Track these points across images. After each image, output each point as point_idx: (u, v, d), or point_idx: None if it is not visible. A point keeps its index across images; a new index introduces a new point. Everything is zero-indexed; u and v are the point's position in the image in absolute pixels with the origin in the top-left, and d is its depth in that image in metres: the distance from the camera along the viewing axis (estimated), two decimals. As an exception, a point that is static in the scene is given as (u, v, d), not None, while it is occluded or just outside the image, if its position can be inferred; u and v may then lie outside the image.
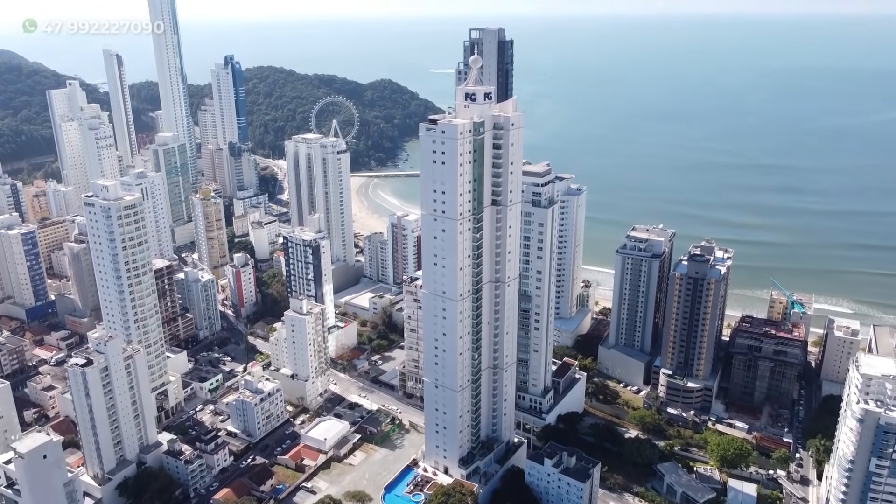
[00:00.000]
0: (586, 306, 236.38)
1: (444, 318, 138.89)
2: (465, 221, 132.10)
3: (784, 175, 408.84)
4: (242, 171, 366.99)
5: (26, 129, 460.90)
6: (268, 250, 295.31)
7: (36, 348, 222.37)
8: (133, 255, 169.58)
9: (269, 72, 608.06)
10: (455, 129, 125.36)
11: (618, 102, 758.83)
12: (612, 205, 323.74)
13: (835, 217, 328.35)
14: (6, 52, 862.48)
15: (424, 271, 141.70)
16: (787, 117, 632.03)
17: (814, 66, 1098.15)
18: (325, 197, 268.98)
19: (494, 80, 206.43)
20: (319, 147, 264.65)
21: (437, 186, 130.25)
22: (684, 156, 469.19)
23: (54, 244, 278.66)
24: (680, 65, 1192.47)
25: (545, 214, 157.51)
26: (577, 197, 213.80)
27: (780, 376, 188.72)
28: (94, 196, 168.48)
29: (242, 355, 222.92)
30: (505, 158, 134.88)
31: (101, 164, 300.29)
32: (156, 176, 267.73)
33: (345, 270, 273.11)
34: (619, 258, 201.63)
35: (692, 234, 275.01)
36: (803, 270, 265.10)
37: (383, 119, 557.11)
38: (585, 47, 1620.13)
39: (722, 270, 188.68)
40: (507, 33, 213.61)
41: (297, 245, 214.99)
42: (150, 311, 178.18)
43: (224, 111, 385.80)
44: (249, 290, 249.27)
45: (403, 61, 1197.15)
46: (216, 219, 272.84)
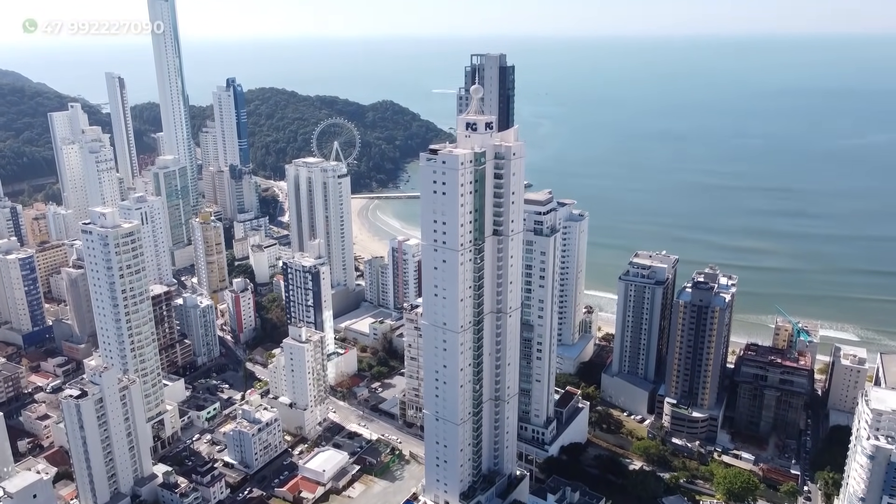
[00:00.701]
0: (589, 332, 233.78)
1: (445, 350, 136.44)
2: (465, 252, 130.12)
3: (787, 198, 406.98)
4: (243, 193, 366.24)
5: (28, 150, 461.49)
6: (268, 274, 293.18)
7: (32, 375, 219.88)
8: (130, 283, 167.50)
9: (271, 93, 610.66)
10: (456, 159, 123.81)
11: (619, 122, 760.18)
12: (614, 228, 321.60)
13: (839, 242, 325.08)
14: (10, 73, 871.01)
15: (425, 302, 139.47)
16: (789, 138, 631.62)
17: (815, 86, 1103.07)
18: (326, 221, 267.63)
19: (496, 106, 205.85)
20: (320, 171, 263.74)
21: (438, 217, 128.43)
22: (686, 178, 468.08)
23: (53, 268, 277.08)
24: (681, 85, 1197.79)
25: (547, 243, 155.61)
26: (579, 223, 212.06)
27: (786, 406, 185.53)
28: (91, 223, 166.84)
29: (240, 382, 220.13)
30: (506, 188, 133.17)
31: (102, 187, 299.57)
32: (155, 200, 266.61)
33: (345, 295, 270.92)
34: (622, 285, 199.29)
35: (695, 258, 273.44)
36: (808, 297, 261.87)
37: (385, 140, 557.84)
38: (586, 67, 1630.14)
39: (726, 298, 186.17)
40: (508, 53, 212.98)
41: (297, 271, 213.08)
42: (147, 339, 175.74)
43: (225, 133, 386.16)
44: (249, 315, 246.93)
45: (405, 82, 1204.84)
46: (216, 243, 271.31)
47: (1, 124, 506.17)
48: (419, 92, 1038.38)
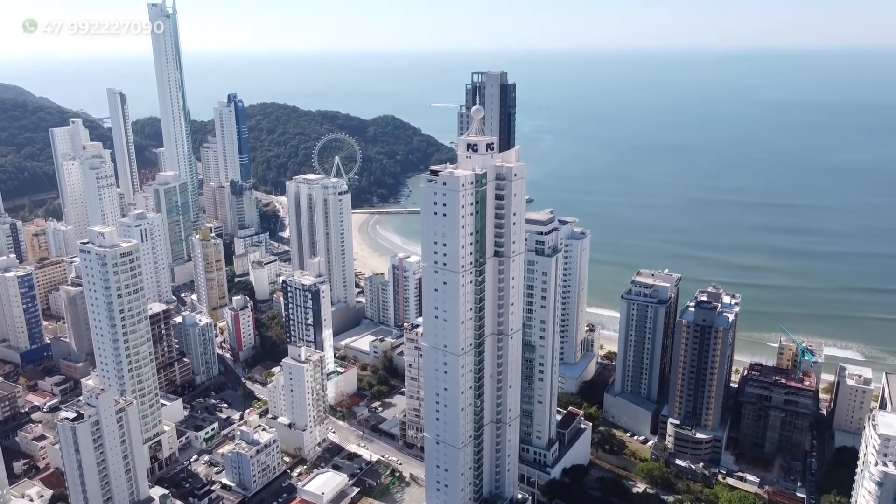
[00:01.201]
0: (591, 351, 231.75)
1: (446, 373, 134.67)
2: (466, 274, 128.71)
3: (789, 214, 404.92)
4: (244, 209, 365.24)
5: (29, 165, 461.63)
6: (268, 290, 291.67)
7: (29, 394, 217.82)
8: (128, 303, 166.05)
9: (273, 108, 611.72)
10: (456, 181, 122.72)
11: (619, 136, 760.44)
12: (615, 245, 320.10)
13: (843, 259, 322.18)
14: (13, 87, 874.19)
15: (425, 324, 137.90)
16: (790, 152, 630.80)
17: (815, 100, 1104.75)
18: (326, 238, 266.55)
19: (497, 124, 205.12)
20: (320, 188, 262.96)
21: (439, 238, 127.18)
22: (687, 193, 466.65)
23: (52, 285, 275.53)
24: (681, 98, 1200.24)
25: (549, 263, 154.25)
26: (581, 241, 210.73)
27: (791, 427, 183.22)
28: (89, 243, 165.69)
29: (239, 402, 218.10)
30: (507, 209, 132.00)
31: (102, 203, 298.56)
32: (155, 217, 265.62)
33: (345, 312, 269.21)
34: (625, 304, 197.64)
35: (697, 276, 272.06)
36: (811, 315, 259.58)
37: (386, 155, 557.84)
38: (586, 81, 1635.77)
39: (730, 318, 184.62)
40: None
41: (297, 290, 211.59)
42: (144, 359, 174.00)
43: (227, 149, 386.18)
44: (248, 333, 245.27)
45: (406, 96, 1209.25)
46: (216, 259, 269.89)
47: (3, 139, 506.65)
48: (420, 106, 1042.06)
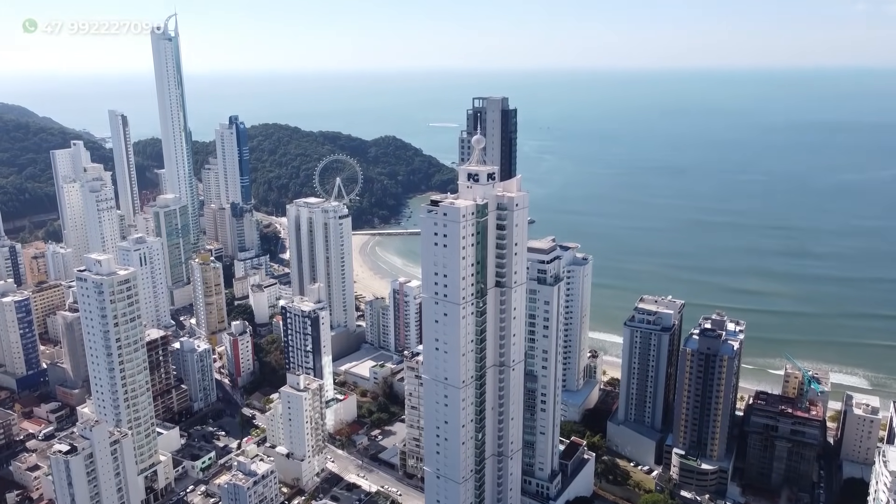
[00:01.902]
0: (594, 377, 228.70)
1: (447, 406, 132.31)
2: (467, 305, 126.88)
3: (791, 237, 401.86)
4: (244, 231, 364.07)
5: (30, 186, 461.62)
6: (267, 314, 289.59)
7: (24, 421, 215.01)
8: (125, 332, 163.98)
9: (274, 129, 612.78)
10: (457, 211, 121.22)
11: (621, 157, 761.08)
12: (617, 269, 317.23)
13: (846, 284, 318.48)
14: (16, 107, 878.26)
15: (426, 356, 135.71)
16: (789, 173, 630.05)
17: (815, 119, 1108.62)
18: (327, 262, 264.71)
19: (498, 150, 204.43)
20: (321, 212, 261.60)
21: (439, 269, 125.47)
22: (689, 216, 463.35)
23: (50, 308, 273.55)
24: (681, 118, 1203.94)
25: (551, 292, 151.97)
26: (583, 267, 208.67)
27: (798, 457, 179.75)
28: (86, 270, 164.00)
29: (237, 429, 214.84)
30: (509, 239, 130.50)
31: (102, 226, 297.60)
32: (154, 241, 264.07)
33: (345, 336, 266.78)
34: (628, 331, 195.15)
35: (700, 300, 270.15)
36: (817, 342, 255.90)
37: (387, 176, 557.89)
38: (587, 100, 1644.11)
39: (734, 346, 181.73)
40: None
41: (296, 316, 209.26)
42: (141, 388, 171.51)
43: (227, 170, 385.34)
44: (247, 358, 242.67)
45: (406, 115, 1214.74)
46: (215, 284, 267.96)
47: (5, 160, 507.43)
48: (420, 125, 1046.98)
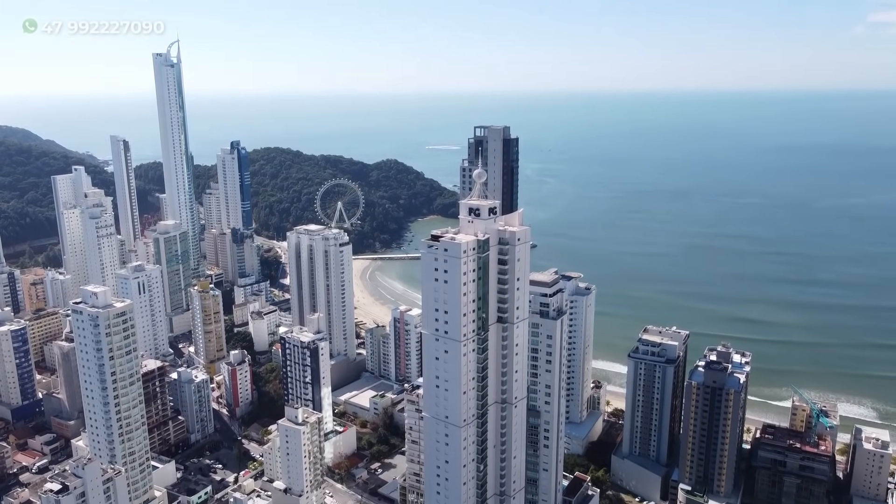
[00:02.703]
0: (597, 409, 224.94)
1: (447, 445, 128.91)
2: (469, 342, 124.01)
3: (796, 263, 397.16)
4: (244, 257, 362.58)
5: (31, 210, 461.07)
6: (267, 342, 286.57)
7: (18, 453, 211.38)
8: (120, 365, 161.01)
9: (276, 153, 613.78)
10: (458, 247, 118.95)
11: (621, 179, 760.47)
12: (619, 296, 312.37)
13: (854, 312, 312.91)
14: (20, 130, 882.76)
15: (426, 393, 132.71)
16: (791, 196, 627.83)
17: (815, 142, 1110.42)
18: (327, 290, 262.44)
19: (499, 178, 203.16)
20: (321, 239, 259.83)
21: (440, 306, 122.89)
22: (691, 241, 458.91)
23: (47, 336, 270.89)
24: (681, 140, 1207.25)
25: (554, 326, 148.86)
26: (586, 297, 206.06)
27: (807, 493, 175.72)
28: (82, 302, 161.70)
29: (234, 462, 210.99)
30: (511, 274, 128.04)
31: (101, 253, 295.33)
32: (153, 269, 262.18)
33: (346, 365, 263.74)
34: (632, 363, 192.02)
35: (704, 329, 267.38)
36: (824, 373, 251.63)
37: (389, 199, 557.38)
38: (587, 123, 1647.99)
39: (741, 379, 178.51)
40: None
41: (295, 346, 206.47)
42: (136, 422, 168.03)
43: (229, 196, 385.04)
44: (245, 388, 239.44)
45: (406, 138, 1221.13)
46: (214, 311, 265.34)
47: (6, 184, 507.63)
48: (421, 148, 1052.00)
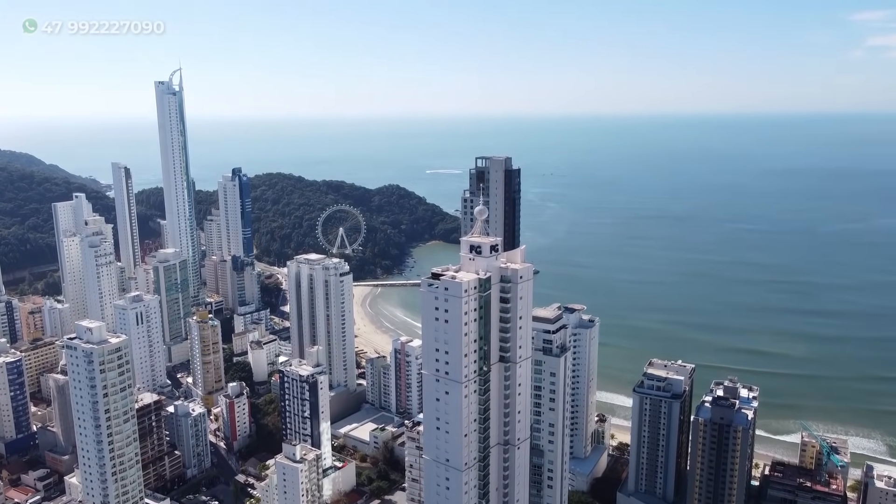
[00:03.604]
0: (602, 443, 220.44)
1: (448, 489, 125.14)
2: (470, 383, 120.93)
3: (801, 292, 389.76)
4: (245, 285, 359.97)
5: (32, 237, 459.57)
6: (266, 371, 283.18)
7: (10, 489, 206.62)
8: (115, 403, 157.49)
9: (278, 178, 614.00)
10: (459, 286, 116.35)
11: (621, 204, 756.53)
12: (621, 326, 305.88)
13: (859, 344, 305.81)
14: (24, 155, 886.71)
15: (426, 435, 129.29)
16: (794, 221, 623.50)
17: (815, 166, 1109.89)
18: (327, 320, 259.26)
19: (501, 210, 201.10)
20: (321, 269, 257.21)
21: (441, 346, 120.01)
22: (693, 268, 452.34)
23: (44, 367, 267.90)
24: (681, 164, 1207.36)
25: (557, 364, 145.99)
26: (590, 330, 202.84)
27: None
28: (76, 338, 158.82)
29: (231, 498, 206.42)
30: (513, 313, 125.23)
31: (100, 281, 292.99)
32: (152, 299, 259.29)
33: (345, 396, 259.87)
34: (637, 398, 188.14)
35: (709, 361, 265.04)
36: (833, 408, 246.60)
37: (390, 225, 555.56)
38: (587, 147, 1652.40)
39: (749, 415, 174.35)
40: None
41: (294, 380, 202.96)
42: (130, 461, 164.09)
43: (230, 222, 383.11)
44: (243, 421, 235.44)
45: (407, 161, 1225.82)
46: (213, 342, 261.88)
47: (8, 210, 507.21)
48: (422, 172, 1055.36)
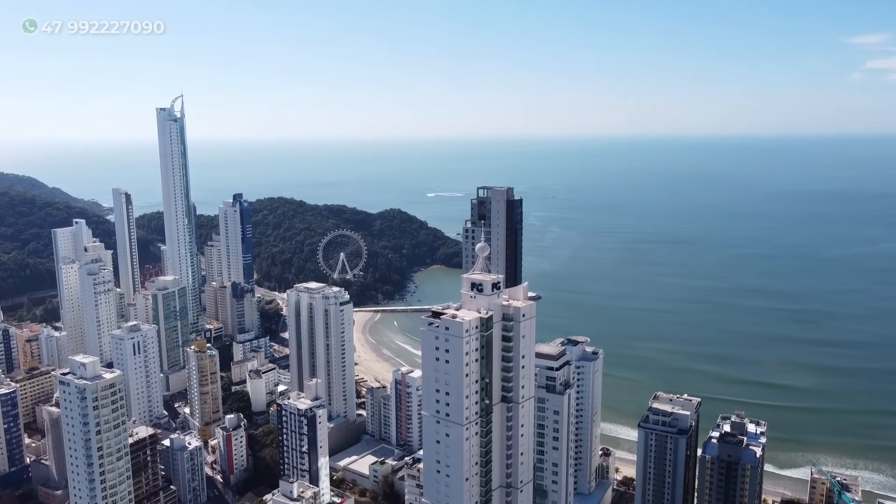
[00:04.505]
0: (606, 478, 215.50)
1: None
2: (471, 425, 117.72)
3: (809, 321, 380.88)
4: (244, 312, 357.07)
5: (32, 262, 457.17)
6: (265, 401, 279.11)
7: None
8: (108, 440, 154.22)
9: (279, 203, 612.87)
10: (460, 327, 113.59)
11: (624, 227, 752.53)
12: (626, 356, 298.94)
13: (868, 376, 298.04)
14: (27, 178, 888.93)
15: (426, 478, 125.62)
16: (798, 245, 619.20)
17: (817, 188, 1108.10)
18: (327, 350, 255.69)
19: (503, 241, 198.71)
20: (322, 298, 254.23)
21: (441, 387, 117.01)
22: (697, 295, 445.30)
23: (40, 397, 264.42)
24: (683, 186, 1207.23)
25: (561, 402, 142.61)
26: (594, 362, 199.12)
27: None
28: (69, 374, 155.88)
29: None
30: (516, 352, 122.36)
31: (98, 309, 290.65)
32: (149, 329, 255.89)
33: (345, 428, 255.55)
34: (643, 434, 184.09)
35: (714, 392, 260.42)
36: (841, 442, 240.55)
37: (392, 249, 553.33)
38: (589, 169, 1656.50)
39: (757, 452, 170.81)
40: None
41: (292, 414, 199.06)
42: (123, 499, 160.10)
43: (230, 249, 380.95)
44: (241, 454, 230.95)
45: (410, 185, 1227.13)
46: (210, 372, 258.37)
47: (8, 235, 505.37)
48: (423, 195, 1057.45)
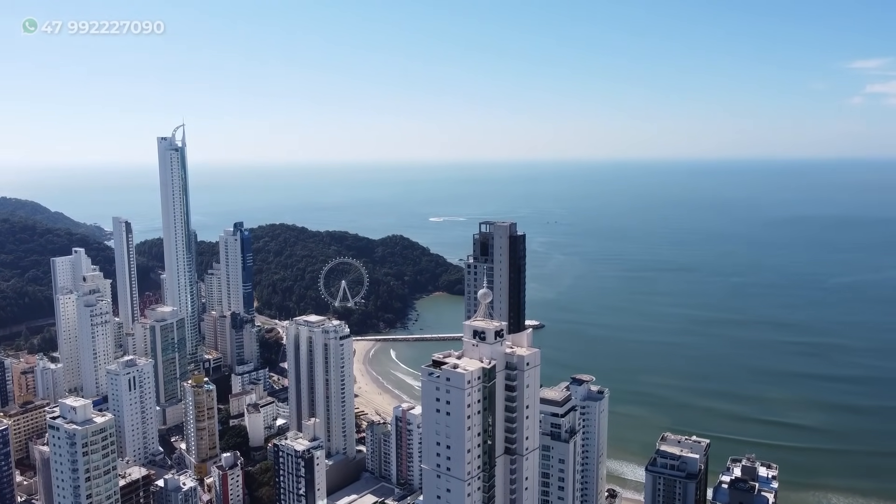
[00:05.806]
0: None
1: None
2: (473, 481, 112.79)
3: (815, 355, 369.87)
4: (244, 343, 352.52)
5: (31, 290, 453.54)
6: (262, 436, 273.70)
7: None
8: (97, 487, 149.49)
9: (281, 230, 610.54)
10: (462, 377, 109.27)
11: (626, 253, 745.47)
12: (631, 392, 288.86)
13: (879, 414, 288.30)
14: (29, 203, 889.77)
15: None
16: (803, 273, 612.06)
17: (819, 213, 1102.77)
18: (326, 385, 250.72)
19: (506, 277, 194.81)
20: (321, 332, 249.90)
21: (441, 440, 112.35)
22: (703, 328, 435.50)
23: (33, 432, 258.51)
24: (685, 212, 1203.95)
25: (566, 450, 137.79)
26: (599, 402, 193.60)
27: None
28: (59, 417, 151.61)
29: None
30: (520, 402, 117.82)
31: (95, 341, 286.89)
32: (146, 364, 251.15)
33: (344, 465, 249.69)
34: (650, 477, 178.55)
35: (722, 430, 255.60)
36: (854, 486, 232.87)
37: (394, 276, 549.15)
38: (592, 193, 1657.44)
39: (770, 498, 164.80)
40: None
41: (289, 455, 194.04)
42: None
43: (230, 277, 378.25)
44: (237, 494, 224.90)
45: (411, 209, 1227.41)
46: (208, 407, 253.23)
47: (8, 262, 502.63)
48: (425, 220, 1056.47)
